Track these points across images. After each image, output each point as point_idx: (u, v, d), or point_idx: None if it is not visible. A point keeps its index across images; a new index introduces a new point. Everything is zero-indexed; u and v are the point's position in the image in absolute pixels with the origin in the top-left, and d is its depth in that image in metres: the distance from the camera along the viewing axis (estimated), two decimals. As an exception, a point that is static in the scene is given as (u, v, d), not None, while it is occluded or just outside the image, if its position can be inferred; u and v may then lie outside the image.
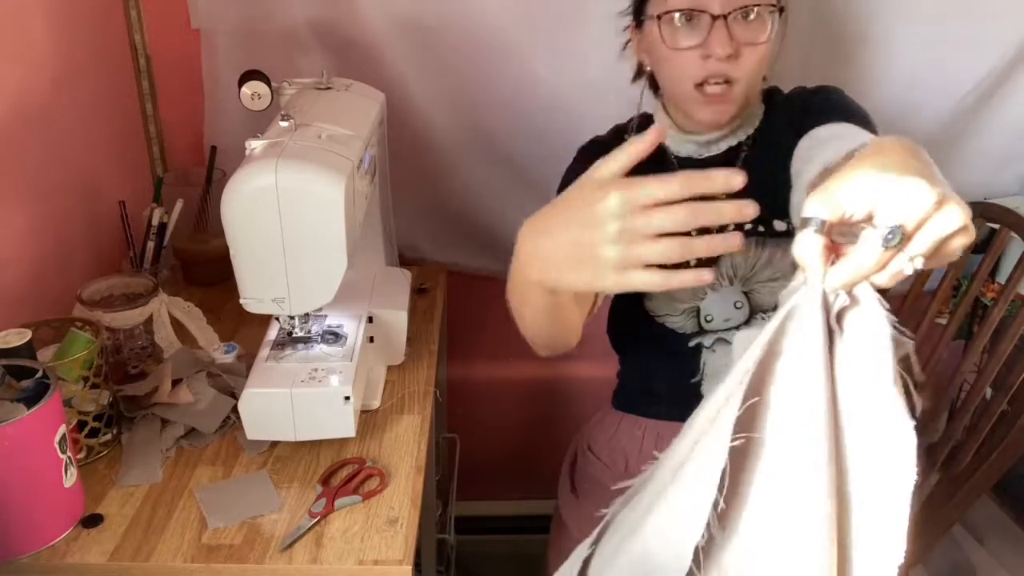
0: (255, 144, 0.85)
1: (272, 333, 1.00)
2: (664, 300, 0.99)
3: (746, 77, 0.90)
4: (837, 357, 0.50)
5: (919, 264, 0.47)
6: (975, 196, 1.37)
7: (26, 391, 0.78)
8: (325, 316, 1.03)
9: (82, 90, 1.19)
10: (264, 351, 0.97)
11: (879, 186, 0.48)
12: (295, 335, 0.97)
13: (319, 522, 0.83)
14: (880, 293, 0.50)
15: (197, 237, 1.28)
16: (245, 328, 1.15)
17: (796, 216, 0.51)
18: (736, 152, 0.99)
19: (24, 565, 0.77)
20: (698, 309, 0.99)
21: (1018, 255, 1.21)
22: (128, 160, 1.34)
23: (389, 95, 1.14)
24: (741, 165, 0.99)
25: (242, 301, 0.88)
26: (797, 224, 0.52)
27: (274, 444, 0.94)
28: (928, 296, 1.30)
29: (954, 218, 0.47)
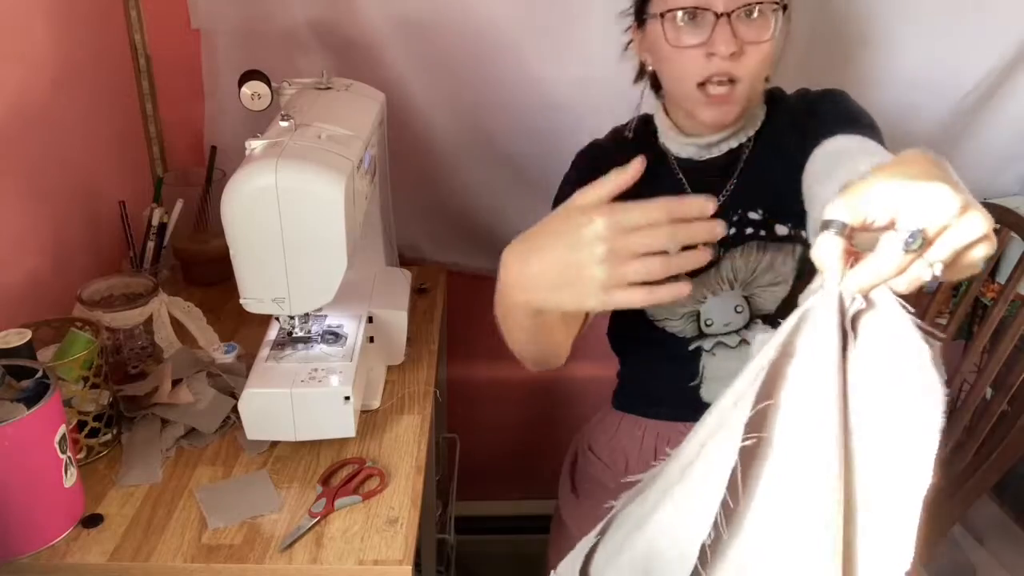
0: (255, 144, 0.85)
1: (272, 333, 1.00)
2: (664, 304, 0.99)
3: (749, 76, 0.89)
4: (850, 361, 0.50)
5: (938, 271, 0.47)
6: (975, 196, 1.36)
7: (26, 391, 0.78)
8: (325, 316, 1.03)
9: (82, 90, 1.19)
10: (264, 351, 0.97)
11: (902, 193, 0.48)
12: (295, 335, 0.97)
13: (319, 522, 0.83)
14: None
15: (197, 237, 1.28)
16: (245, 328, 1.15)
17: (813, 236, 0.51)
18: (737, 154, 0.99)
19: (24, 565, 0.77)
20: (698, 313, 0.98)
21: (1018, 255, 1.21)
22: (128, 160, 1.34)
23: (389, 95, 1.14)
24: (742, 167, 0.98)
25: (242, 301, 0.88)
26: (813, 242, 0.52)
27: (274, 444, 0.94)
28: (928, 296, 1.30)
29: (977, 226, 0.46)
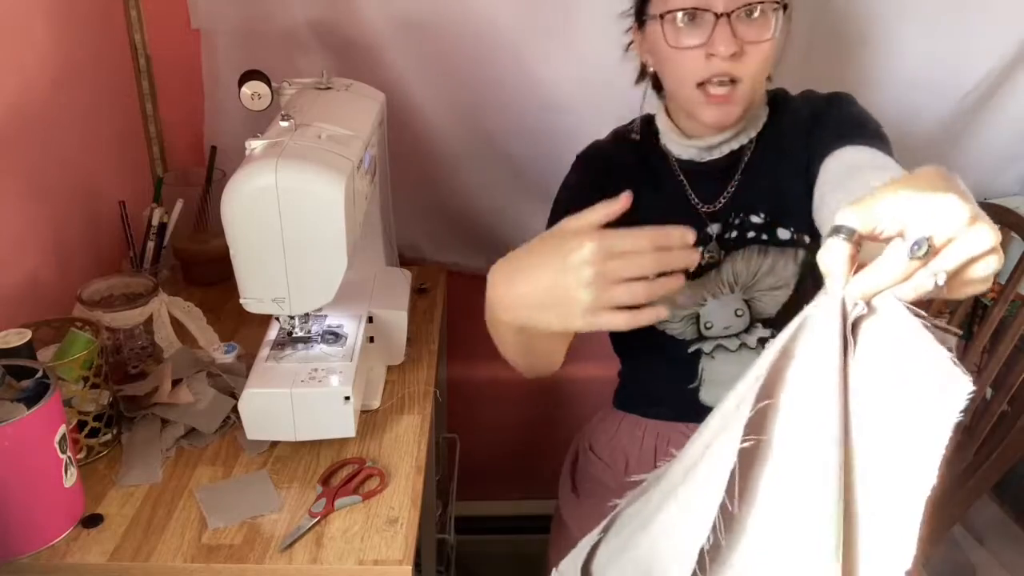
0: (255, 144, 0.85)
1: (272, 333, 1.00)
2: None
3: (751, 76, 0.89)
4: (851, 365, 0.50)
5: (941, 280, 0.47)
6: (975, 196, 1.36)
7: (26, 391, 0.78)
8: (325, 316, 1.03)
9: (82, 90, 1.19)
10: (264, 351, 0.97)
11: (912, 203, 0.48)
12: (295, 335, 0.97)
13: (319, 522, 0.83)
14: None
15: (197, 237, 1.28)
16: (245, 328, 1.15)
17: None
18: (739, 155, 0.98)
19: (24, 565, 0.77)
20: (698, 315, 0.98)
21: (1018, 255, 1.21)
22: (128, 160, 1.34)
23: (389, 95, 1.14)
24: (744, 168, 0.98)
25: (242, 301, 0.88)
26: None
27: (274, 444, 0.94)
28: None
29: (984, 238, 0.46)
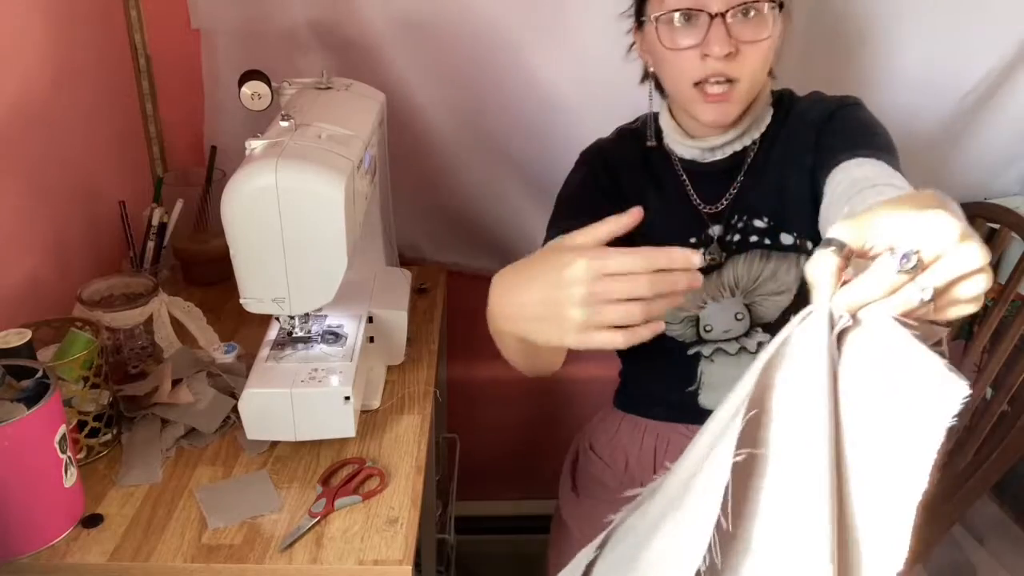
0: (255, 144, 0.85)
1: (272, 333, 1.00)
2: None
3: (748, 76, 0.89)
4: (839, 376, 0.50)
5: (928, 295, 0.46)
6: (975, 196, 1.37)
7: (26, 391, 0.78)
8: (325, 316, 1.03)
9: (82, 90, 1.19)
10: (264, 351, 0.97)
11: (903, 220, 0.48)
12: (295, 335, 0.97)
13: (319, 522, 0.83)
14: None
15: (197, 237, 1.28)
16: (245, 328, 1.15)
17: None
18: (742, 157, 0.98)
19: (24, 565, 0.77)
20: (697, 318, 0.98)
21: (1018, 255, 1.21)
22: (128, 160, 1.34)
23: (389, 95, 1.14)
24: (747, 170, 0.98)
25: (242, 301, 0.88)
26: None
27: (274, 444, 0.94)
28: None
29: (973, 256, 0.46)
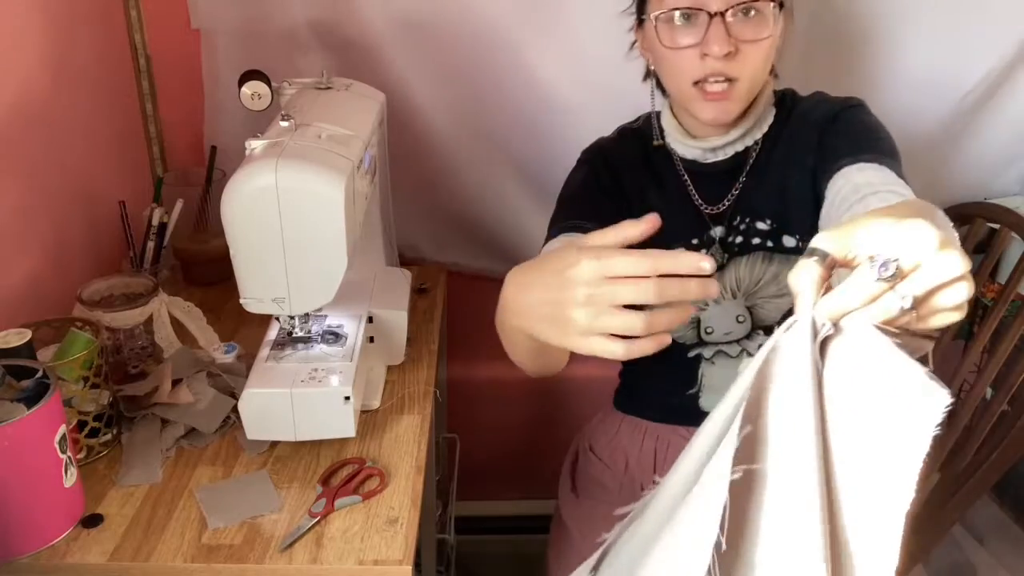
0: (255, 144, 0.85)
1: (272, 333, 1.00)
2: None
3: (748, 75, 0.89)
4: (824, 385, 0.50)
5: (908, 304, 0.46)
6: (975, 196, 1.37)
7: (26, 391, 0.78)
8: (325, 316, 1.03)
9: (82, 90, 1.19)
10: (264, 351, 0.97)
11: (885, 229, 0.47)
12: (295, 335, 0.97)
13: (319, 522, 0.83)
14: None
15: (197, 237, 1.28)
16: (245, 328, 1.15)
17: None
18: (744, 157, 0.97)
19: (24, 565, 0.77)
20: (698, 320, 0.98)
21: (1018, 255, 1.21)
22: (128, 160, 1.34)
23: (389, 95, 1.14)
24: (749, 171, 0.97)
25: (242, 301, 0.88)
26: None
27: (274, 444, 0.94)
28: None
29: (953, 264, 0.45)
